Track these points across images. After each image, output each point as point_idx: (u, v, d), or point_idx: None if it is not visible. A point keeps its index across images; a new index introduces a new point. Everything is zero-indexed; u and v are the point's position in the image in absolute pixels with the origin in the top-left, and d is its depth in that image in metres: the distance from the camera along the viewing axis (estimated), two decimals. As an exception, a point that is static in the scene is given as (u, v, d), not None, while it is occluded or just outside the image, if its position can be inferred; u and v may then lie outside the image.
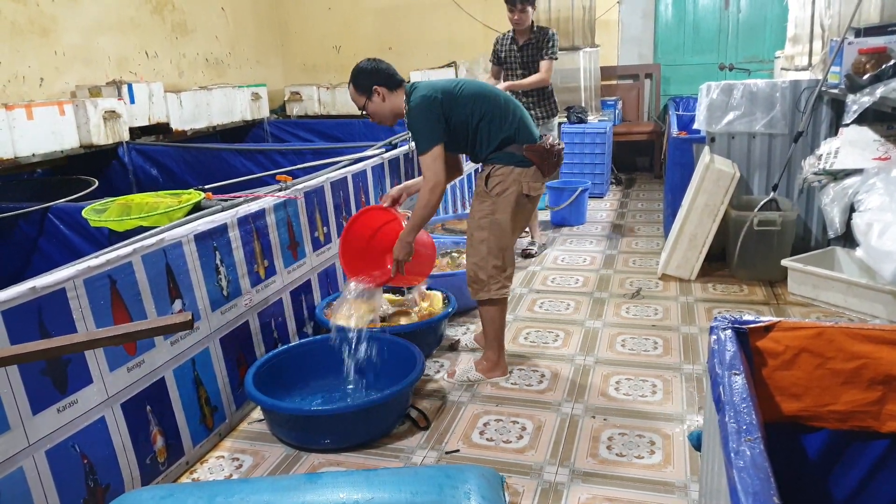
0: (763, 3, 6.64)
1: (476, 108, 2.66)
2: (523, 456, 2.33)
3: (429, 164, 2.61)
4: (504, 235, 2.74)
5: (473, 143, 2.73)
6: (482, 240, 2.74)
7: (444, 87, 2.66)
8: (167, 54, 5.88)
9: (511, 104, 2.73)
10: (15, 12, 4.48)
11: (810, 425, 1.50)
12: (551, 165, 2.75)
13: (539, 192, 2.79)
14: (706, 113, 4.05)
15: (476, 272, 2.77)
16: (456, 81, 2.72)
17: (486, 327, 2.88)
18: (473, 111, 2.66)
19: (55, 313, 1.86)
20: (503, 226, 2.73)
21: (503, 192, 2.70)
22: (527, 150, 2.68)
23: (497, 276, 2.76)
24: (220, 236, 2.55)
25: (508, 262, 2.80)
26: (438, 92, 2.63)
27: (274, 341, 2.89)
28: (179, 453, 2.32)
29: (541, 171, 2.72)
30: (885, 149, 3.27)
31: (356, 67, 2.76)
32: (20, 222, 3.39)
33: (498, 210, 2.71)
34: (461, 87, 2.68)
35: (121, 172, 4.78)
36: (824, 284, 3.44)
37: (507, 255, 2.79)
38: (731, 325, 1.43)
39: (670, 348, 3.10)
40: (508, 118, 2.68)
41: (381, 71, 2.73)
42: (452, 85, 2.68)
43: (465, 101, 2.65)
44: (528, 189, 2.71)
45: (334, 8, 7.46)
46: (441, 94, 2.63)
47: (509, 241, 2.79)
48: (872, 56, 3.27)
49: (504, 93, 2.80)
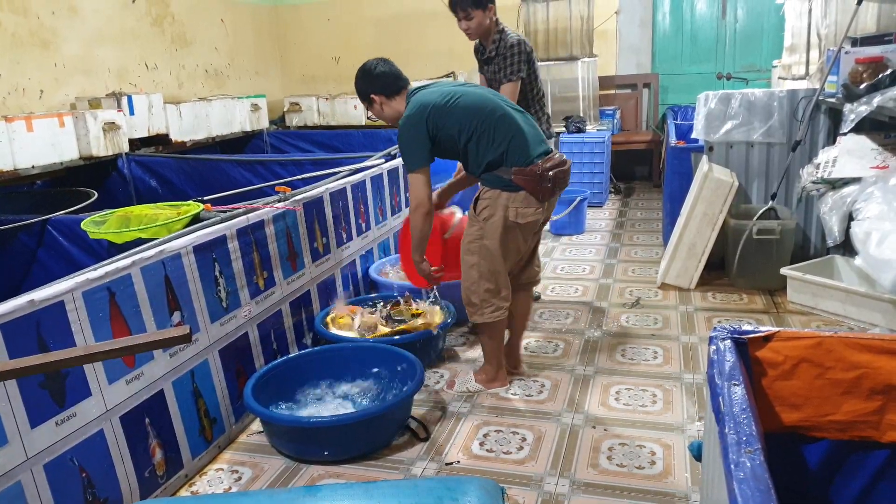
0: (760, 13, 6.68)
1: (465, 124, 2.52)
2: (523, 467, 2.33)
3: (412, 185, 2.58)
4: (494, 261, 2.63)
5: (465, 161, 2.65)
6: (472, 264, 2.66)
7: (436, 101, 2.54)
8: (167, 66, 5.90)
9: (506, 121, 2.54)
10: (15, 24, 4.50)
11: (810, 436, 1.49)
12: (545, 191, 2.55)
13: (531, 218, 2.58)
14: (704, 122, 4.07)
15: (469, 296, 2.70)
16: (454, 91, 2.58)
17: (483, 346, 2.90)
18: (462, 129, 2.53)
19: (54, 326, 1.86)
20: (492, 252, 2.61)
21: (490, 217, 2.58)
22: (515, 174, 2.52)
23: (490, 299, 2.67)
24: (219, 248, 2.55)
25: (502, 285, 2.69)
26: (429, 108, 2.53)
27: (273, 353, 2.88)
28: (178, 466, 2.32)
29: (533, 196, 2.54)
30: (882, 157, 3.28)
31: (356, 74, 2.74)
32: (19, 234, 3.39)
33: (486, 235, 2.60)
34: (457, 98, 2.55)
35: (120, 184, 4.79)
36: (823, 293, 3.44)
37: (500, 278, 2.68)
38: (730, 336, 1.42)
39: (670, 358, 3.09)
40: (498, 139, 2.52)
41: (378, 78, 2.68)
42: (448, 97, 2.55)
43: (455, 117, 2.53)
44: (515, 215, 2.55)
45: (333, 19, 7.50)
46: (431, 108, 2.52)
47: (501, 266, 2.66)
48: (869, 65, 3.28)
49: (506, 105, 2.62)
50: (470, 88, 2.66)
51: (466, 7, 3.23)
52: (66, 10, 4.87)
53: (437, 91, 2.61)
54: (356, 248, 3.69)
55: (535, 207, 2.57)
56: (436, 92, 2.60)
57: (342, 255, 3.51)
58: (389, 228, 4.15)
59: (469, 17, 3.26)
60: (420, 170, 2.56)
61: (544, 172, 2.52)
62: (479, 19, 3.26)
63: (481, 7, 3.23)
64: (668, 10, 6.99)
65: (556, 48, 6.76)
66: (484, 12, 3.25)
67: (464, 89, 2.63)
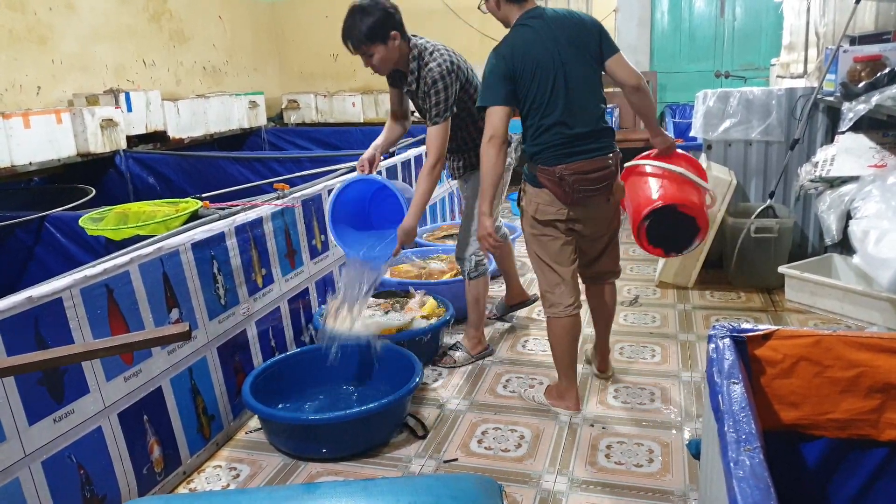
0: (758, 11, 6.68)
1: (530, 93, 2.35)
2: (522, 464, 2.33)
3: (488, 118, 2.39)
4: (540, 254, 2.53)
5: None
6: (529, 256, 2.63)
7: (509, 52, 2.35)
8: (164, 62, 5.89)
9: (558, 102, 2.34)
10: (12, 21, 4.49)
11: (809, 434, 1.49)
12: (567, 193, 2.38)
13: (556, 216, 2.43)
14: (703, 120, 4.07)
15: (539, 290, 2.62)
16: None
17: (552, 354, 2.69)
18: (526, 96, 2.37)
19: (52, 323, 1.85)
20: (532, 247, 2.58)
21: (523, 212, 2.55)
22: (540, 172, 2.41)
23: (545, 294, 2.57)
24: (217, 245, 2.55)
25: (553, 282, 2.53)
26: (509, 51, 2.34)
27: (271, 350, 2.88)
28: (176, 463, 2.31)
29: (556, 196, 2.41)
30: (880, 156, 3.28)
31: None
32: (17, 231, 3.38)
33: (524, 227, 2.58)
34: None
35: (118, 181, 4.79)
36: (821, 291, 3.45)
37: (549, 274, 2.53)
38: (729, 334, 1.43)
39: (668, 356, 3.10)
40: (544, 124, 2.37)
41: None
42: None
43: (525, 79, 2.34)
44: (535, 212, 2.45)
45: (331, 16, 7.45)
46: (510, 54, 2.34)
47: (548, 260, 2.52)
48: (867, 64, 3.28)
49: (562, 76, 2.34)
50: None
51: (360, 45, 2.67)
52: (63, 6, 4.85)
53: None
54: (354, 246, 3.69)
55: (559, 208, 2.43)
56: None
57: (341, 252, 3.51)
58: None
59: (369, 54, 2.69)
60: (496, 106, 2.36)
61: (563, 177, 2.37)
62: (381, 54, 2.69)
63: (379, 40, 2.66)
64: (666, 8, 6.99)
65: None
66: (385, 45, 2.67)
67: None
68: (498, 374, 2.99)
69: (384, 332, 2.98)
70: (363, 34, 2.63)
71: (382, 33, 2.65)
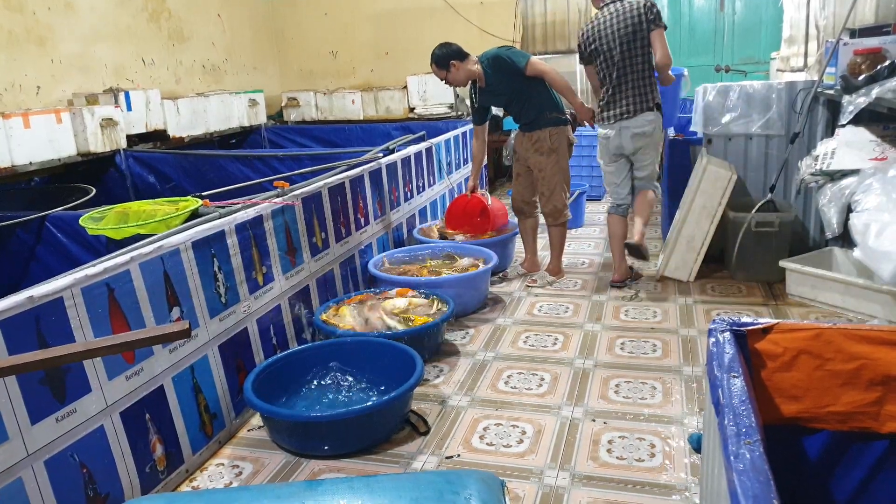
0: (758, 5, 6.66)
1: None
2: (524, 460, 2.33)
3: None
4: (567, 175, 4.04)
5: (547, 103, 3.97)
6: (557, 182, 3.95)
7: None
8: (164, 61, 5.89)
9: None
10: (11, 21, 4.49)
11: (810, 427, 1.49)
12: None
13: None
14: (703, 115, 4.06)
15: (556, 205, 3.96)
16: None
17: (559, 242, 4.09)
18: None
19: (53, 322, 1.86)
20: (565, 169, 4.01)
21: (561, 146, 3.92)
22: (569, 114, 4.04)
23: (568, 203, 4.09)
24: (217, 243, 2.55)
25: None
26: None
27: (273, 347, 2.88)
28: (179, 461, 2.32)
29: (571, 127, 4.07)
30: (881, 149, 3.28)
31: (434, 52, 3.86)
32: (17, 231, 3.39)
33: (560, 159, 3.93)
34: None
35: (118, 180, 4.78)
36: (822, 285, 3.44)
37: (568, 187, 4.11)
38: (729, 328, 1.42)
39: (669, 350, 3.10)
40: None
41: (453, 48, 3.84)
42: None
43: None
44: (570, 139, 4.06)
45: (331, 14, 7.47)
46: None
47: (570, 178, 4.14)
48: (867, 57, 3.28)
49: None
50: None
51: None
52: (62, 6, 4.85)
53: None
54: (355, 244, 3.69)
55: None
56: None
57: (341, 250, 3.51)
58: (388, 223, 4.15)
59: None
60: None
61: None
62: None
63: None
64: (666, 2, 6.97)
65: (553, 41, 6.74)
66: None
67: None
68: (499, 370, 2.99)
69: (386, 328, 2.98)
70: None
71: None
